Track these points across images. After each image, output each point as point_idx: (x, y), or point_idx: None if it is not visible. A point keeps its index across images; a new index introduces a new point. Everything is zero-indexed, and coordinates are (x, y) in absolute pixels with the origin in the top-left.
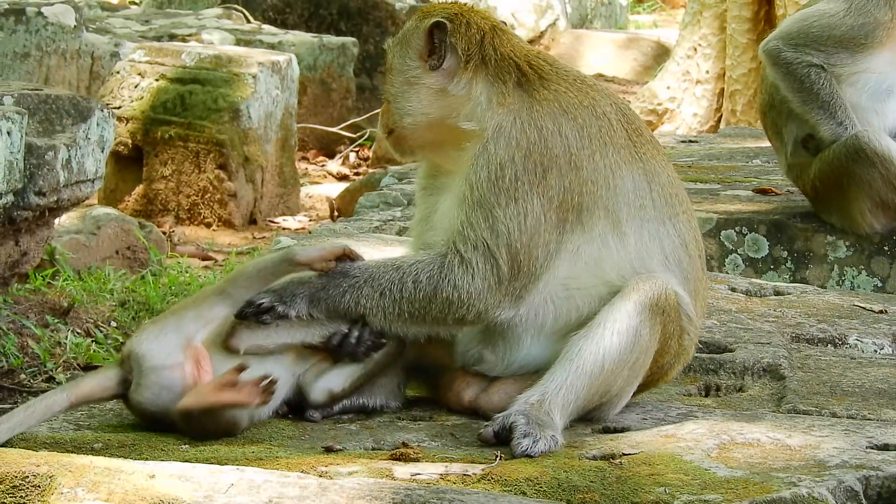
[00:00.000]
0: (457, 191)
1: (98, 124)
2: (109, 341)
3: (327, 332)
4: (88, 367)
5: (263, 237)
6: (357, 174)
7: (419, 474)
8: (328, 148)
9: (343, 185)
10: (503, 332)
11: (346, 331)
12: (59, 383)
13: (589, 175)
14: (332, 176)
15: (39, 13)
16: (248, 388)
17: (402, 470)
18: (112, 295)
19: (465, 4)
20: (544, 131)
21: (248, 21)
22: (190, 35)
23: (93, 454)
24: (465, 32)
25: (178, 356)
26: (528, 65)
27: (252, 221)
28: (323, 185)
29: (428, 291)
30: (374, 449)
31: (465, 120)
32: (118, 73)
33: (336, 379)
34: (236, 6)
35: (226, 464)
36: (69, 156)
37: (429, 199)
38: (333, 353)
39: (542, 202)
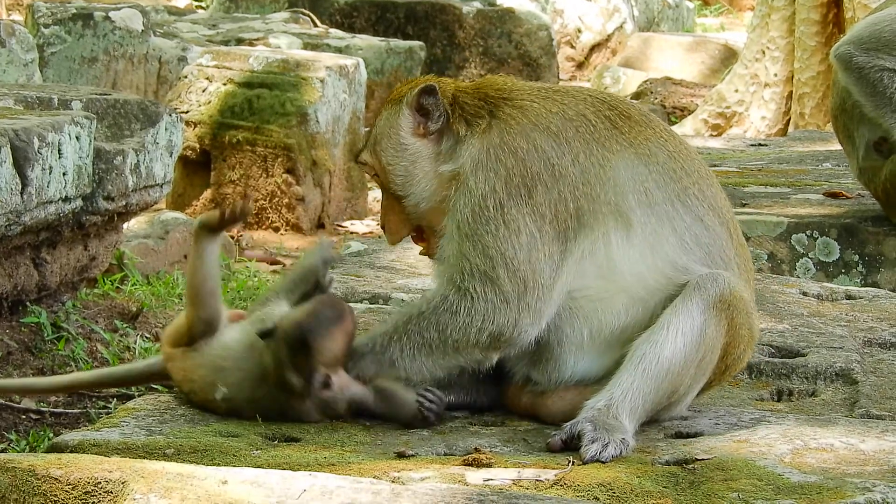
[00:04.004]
0: (447, 232)
1: (166, 129)
2: None
3: None
4: None
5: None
6: None
7: (492, 480)
8: None
9: None
10: (545, 353)
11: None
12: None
13: (578, 179)
14: None
15: (107, 18)
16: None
17: (475, 475)
18: (180, 300)
19: (418, 78)
20: (519, 152)
21: (316, 25)
22: (257, 39)
23: (165, 460)
24: (445, 89)
25: None
26: (495, 90)
27: (320, 225)
28: None
29: (435, 329)
30: (446, 454)
31: (444, 163)
32: (186, 77)
33: None
34: (303, 10)
35: (298, 469)
36: (138, 160)
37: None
38: None
39: (535, 219)
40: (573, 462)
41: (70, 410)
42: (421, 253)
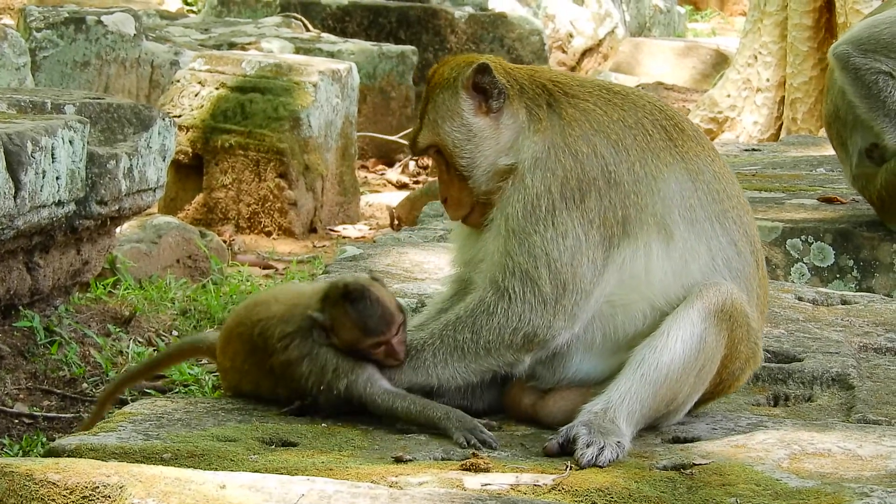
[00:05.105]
0: (494, 225)
1: (159, 133)
2: None
3: None
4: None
5: (323, 246)
6: (416, 182)
7: (490, 484)
8: (387, 156)
9: (403, 194)
10: (555, 349)
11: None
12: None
13: (630, 188)
14: (392, 184)
15: (99, 22)
16: None
17: (473, 480)
18: (173, 304)
19: (455, 57)
20: (580, 156)
21: (308, 29)
22: (249, 44)
23: (162, 464)
24: (497, 67)
25: None
26: (552, 82)
27: (312, 230)
28: (383, 194)
29: (469, 330)
30: (444, 459)
31: (503, 155)
32: (178, 81)
33: None
34: (296, 15)
35: (296, 474)
36: (131, 165)
37: (468, 240)
38: None
39: (583, 223)
40: (571, 467)
41: (63, 415)
42: (465, 222)
